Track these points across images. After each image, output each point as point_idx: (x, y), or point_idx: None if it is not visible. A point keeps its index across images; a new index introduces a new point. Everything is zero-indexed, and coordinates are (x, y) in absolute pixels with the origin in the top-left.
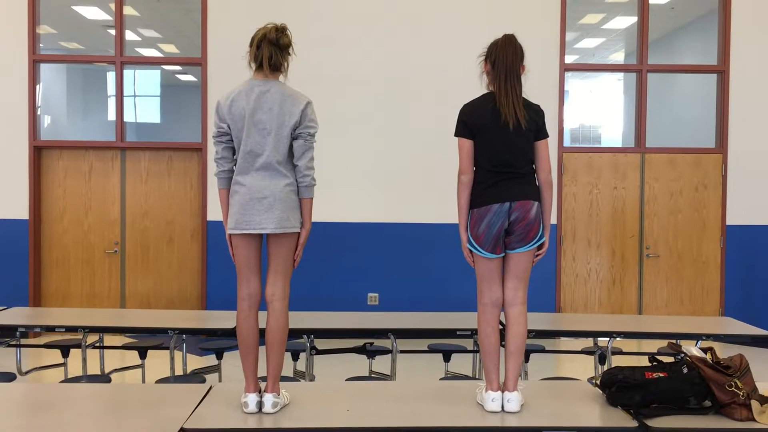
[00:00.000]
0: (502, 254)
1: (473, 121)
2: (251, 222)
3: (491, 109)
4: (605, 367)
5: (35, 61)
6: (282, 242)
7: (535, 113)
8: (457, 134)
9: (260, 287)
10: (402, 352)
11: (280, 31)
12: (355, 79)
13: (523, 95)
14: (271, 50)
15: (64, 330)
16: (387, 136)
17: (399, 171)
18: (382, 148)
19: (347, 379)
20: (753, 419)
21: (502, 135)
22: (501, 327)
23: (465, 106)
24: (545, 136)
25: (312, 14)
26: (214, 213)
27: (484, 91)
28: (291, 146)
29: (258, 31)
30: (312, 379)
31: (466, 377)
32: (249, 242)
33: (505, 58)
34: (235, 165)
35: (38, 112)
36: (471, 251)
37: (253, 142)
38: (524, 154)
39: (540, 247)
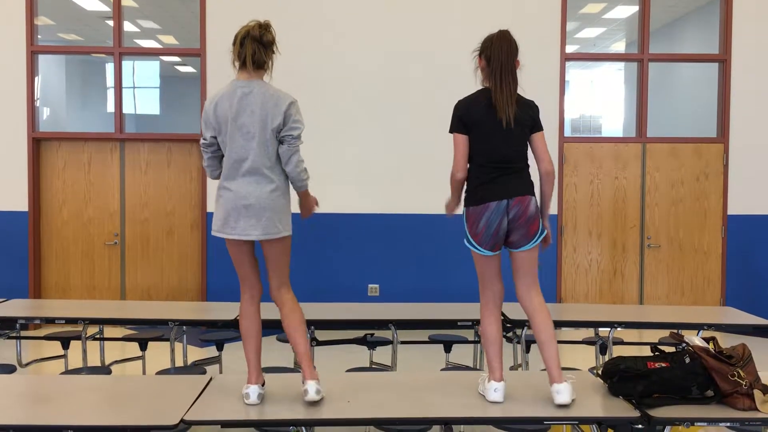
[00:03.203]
0: (500, 251)
1: (469, 117)
2: (237, 228)
3: (487, 104)
4: (607, 358)
5: (33, 52)
6: (273, 246)
7: (530, 108)
8: (452, 130)
9: (260, 282)
10: (403, 343)
11: (264, 27)
12: (356, 74)
13: (519, 90)
14: (254, 47)
15: (64, 322)
16: (388, 128)
17: (400, 162)
18: (384, 139)
19: (348, 370)
20: (756, 409)
21: (497, 131)
22: (503, 318)
23: (459, 102)
24: (540, 129)
25: (312, 9)
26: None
27: (480, 85)
28: (277, 148)
29: (241, 29)
30: None
31: (467, 368)
32: (240, 245)
33: (500, 54)
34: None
35: (37, 104)
36: (470, 249)
37: (238, 146)
38: (519, 150)
39: (544, 240)
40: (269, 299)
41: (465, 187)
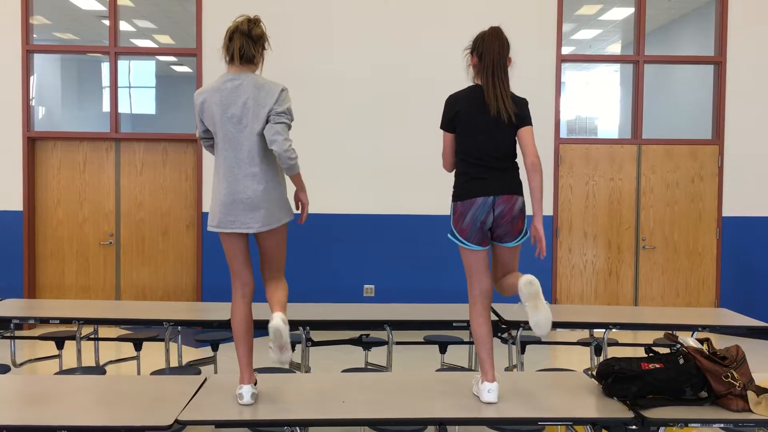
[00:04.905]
0: (488, 246)
1: (457, 111)
2: (236, 222)
3: (477, 101)
4: (601, 359)
5: (29, 51)
6: (270, 237)
7: (519, 106)
8: (441, 126)
9: (252, 279)
10: (398, 343)
11: (253, 22)
12: (353, 74)
13: (511, 88)
14: (242, 41)
15: (58, 322)
16: (384, 128)
17: (395, 162)
18: (379, 139)
19: (343, 371)
20: (749, 410)
21: (485, 127)
22: (495, 318)
23: (450, 97)
24: (528, 123)
25: (310, 8)
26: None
27: (471, 83)
28: None
29: (231, 24)
30: (308, 370)
31: (462, 369)
32: (236, 238)
33: (491, 51)
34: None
35: (32, 103)
36: (457, 244)
37: (231, 137)
38: (507, 148)
39: (539, 243)
40: (263, 299)
41: (454, 182)
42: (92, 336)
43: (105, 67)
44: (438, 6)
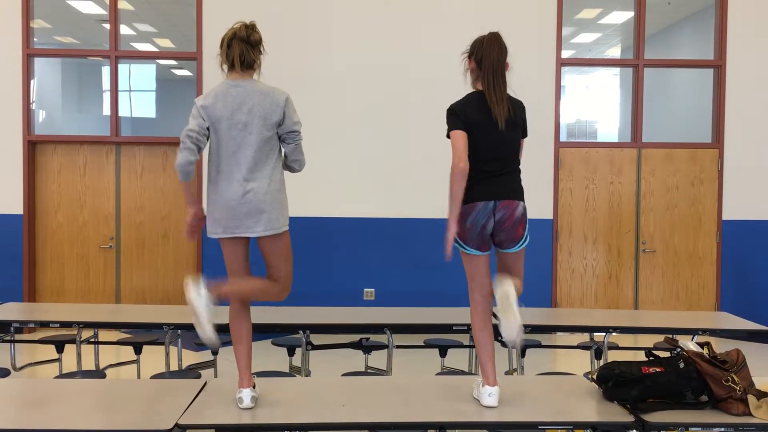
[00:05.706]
0: (489, 251)
1: (467, 117)
2: (241, 226)
3: (480, 106)
4: (601, 362)
5: (29, 55)
6: (273, 242)
7: (520, 110)
8: (451, 129)
9: None
10: (398, 347)
11: (250, 28)
12: (352, 77)
13: (508, 92)
14: (241, 48)
15: (58, 325)
16: (384, 131)
17: (396, 166)
18: (379, 141)
19: (343, 375)
20: (749, 414)
21: (493, 132)
22: (496, 322)
23: (453, 105)
24: (526, 135)
25: (309, 10)
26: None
27: (470, 87)
28: (274, 144)
29: (227, 31)
30: (308, 374)
31: (462, 372)
32: (237, 244)
33: (491, 56)
34: (214, 165)
35: (32, 107)
36: (459, 249)
37: (235, 143)
38: (513, 152)
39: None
40: (262, 303)
41: None
42: (92, 340)
43: (105, 71)
44: (438, 6)
